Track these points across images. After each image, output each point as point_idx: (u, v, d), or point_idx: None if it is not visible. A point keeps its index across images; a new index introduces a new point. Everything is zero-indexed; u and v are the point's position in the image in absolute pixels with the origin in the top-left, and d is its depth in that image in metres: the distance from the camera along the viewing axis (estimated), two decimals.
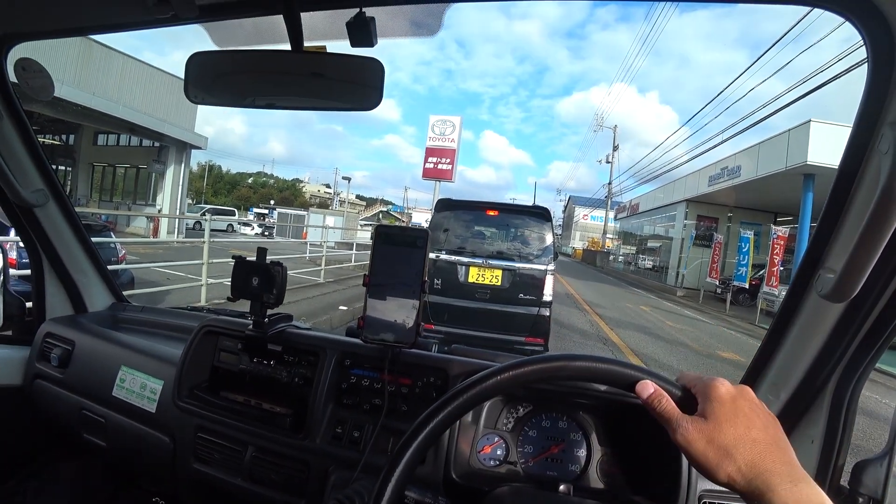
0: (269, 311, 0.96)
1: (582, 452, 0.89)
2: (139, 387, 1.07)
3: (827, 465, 0.74)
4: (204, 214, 7.75)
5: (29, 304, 1.34)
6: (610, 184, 33.08)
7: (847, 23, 0.61)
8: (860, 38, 0.60)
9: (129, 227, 17.14)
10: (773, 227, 12.43)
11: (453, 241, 4.70)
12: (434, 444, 0.69)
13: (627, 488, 0.86)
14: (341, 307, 6.89)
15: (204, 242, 6.16)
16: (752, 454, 0.43)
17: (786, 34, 10.57)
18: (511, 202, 5.22)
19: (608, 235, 38.55)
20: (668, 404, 0.49)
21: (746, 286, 13.99)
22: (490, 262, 4.55)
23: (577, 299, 12.14)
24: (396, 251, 0.84)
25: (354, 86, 0.73)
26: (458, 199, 4.94)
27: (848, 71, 8.76)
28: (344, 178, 47.08)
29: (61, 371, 1.20)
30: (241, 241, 16.42)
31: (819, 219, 0.71)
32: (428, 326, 4.39)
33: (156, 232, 15.88)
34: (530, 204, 5.36)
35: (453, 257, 4.60)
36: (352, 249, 13.32)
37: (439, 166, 19.49)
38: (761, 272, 13.88)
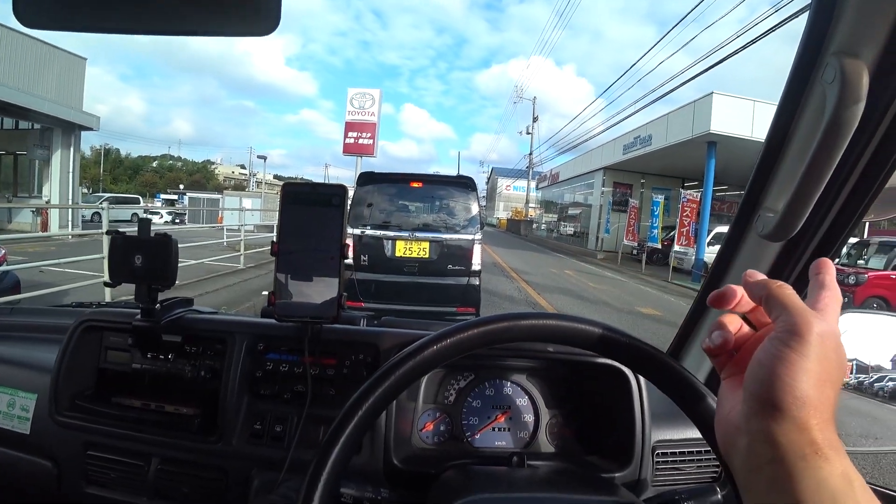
0: (162, 297, 0.81)
1: (530, 418, 0.85)
2: (6, 405, 0.87)
3: None
4: (101, 204, 6.98)
5: None
6: (531, 154, 33.98)
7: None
8: None
9: (11, 224, 15.00)
10: (683, 191, 13.42)
11: (378, 216, 4.59)
12: (370, 429, 0.61)
13: (580, 449, 0.84)
14: (264, 292, 6.51)
15: (104, 234, 5.53)
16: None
17: (689, 13, 11.32)
18: (434, 174, 5.15)
19: (531, 205, 39.86)
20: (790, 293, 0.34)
21: (659, 246, 15.12)
22: (416, 234, 4.49)
23: (504, 267, 12.46)
24: (309, 212, 0.72)
25: (239, 3, 0.56)
26: (380, 172, 4.84)
27: (744, 47, 9.49)
28: (259, 156, 44.35)
29: None
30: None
31: (758, 160, 0.69)
32: (357, 304, 4.26)
33: (45, 226, 14.03)
34: (454, 175, 5.31)
35: (379, 232, 4.48)
36: (272, 232, 12.62)
37: (360, 141, 18.85)
38: (672, 233, 15.02)
